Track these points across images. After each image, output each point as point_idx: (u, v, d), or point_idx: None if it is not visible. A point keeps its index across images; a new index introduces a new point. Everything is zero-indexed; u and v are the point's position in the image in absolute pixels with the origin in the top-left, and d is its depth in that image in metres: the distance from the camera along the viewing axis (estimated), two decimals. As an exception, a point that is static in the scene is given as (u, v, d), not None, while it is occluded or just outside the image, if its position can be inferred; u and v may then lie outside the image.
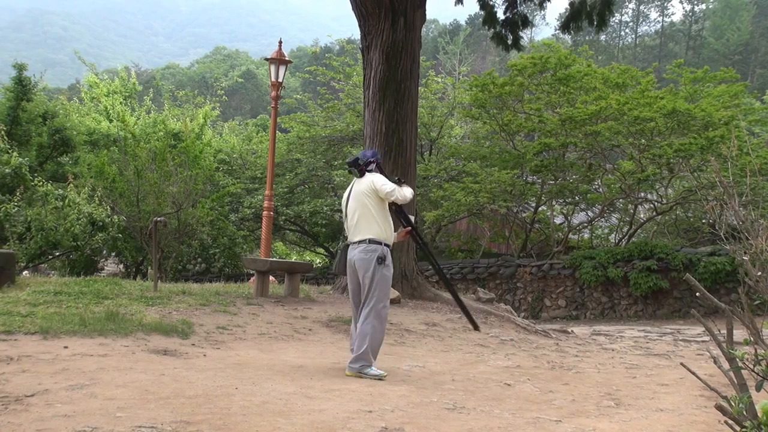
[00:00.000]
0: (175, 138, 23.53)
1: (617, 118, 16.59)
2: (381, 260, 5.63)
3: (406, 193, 5.77)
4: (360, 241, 5.70)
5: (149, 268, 18.43)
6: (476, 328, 7.72)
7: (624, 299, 15.61)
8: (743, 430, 2.57)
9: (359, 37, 11.96)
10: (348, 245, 5.85)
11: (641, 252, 15.24)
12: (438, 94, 23.84)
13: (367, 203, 5.73)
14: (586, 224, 19.71)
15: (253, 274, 11.15)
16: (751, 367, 2.71)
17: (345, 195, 6.00)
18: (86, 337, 6.00)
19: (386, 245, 5.72)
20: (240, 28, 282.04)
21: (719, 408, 2.62)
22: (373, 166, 5.90)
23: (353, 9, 11.58)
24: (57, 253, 16.63)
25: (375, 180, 5.75)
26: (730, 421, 2.63)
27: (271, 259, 12.25)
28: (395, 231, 5.98)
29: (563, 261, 16.57)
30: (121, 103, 26.47)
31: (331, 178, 22.14)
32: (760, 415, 2.59)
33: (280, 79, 14.61)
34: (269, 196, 14.50)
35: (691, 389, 5.49)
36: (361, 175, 5.87)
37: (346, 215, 5.90)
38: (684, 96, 18.47)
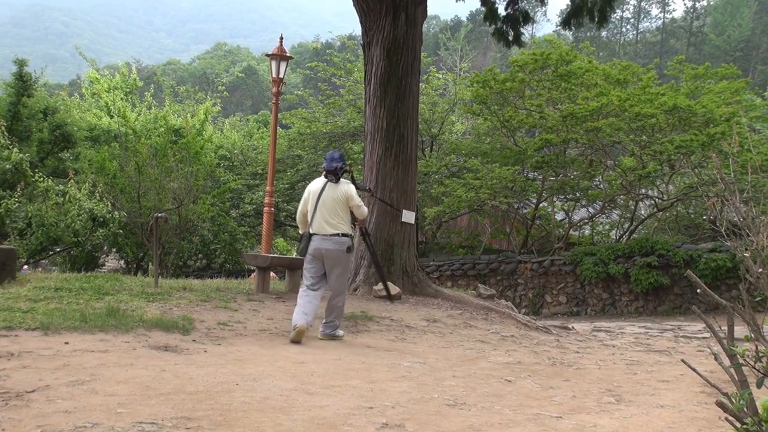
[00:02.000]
0: (175, 134, 23.52)
1: (618, 115, 16.58)
2: (350, 249, 7.08)
3: (364, 211, 7.32)
4: (333, 234, 6.98)
5: (150, 264, 18.45)
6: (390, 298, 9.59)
7: (625, 295, 15.61)
8: (744, 426, 2.57)
9: (360, 33, 11.93)
10: (312, 234, 7.03)
11: (642, 248, 15.24)
12: (439, 91, 23.84)
13: (340, 207, 7.05)
14: (587, 220, 19.71)
15: (253, 271, 11.16)
16: (752, 363, 2.71)
17: (315, 190, 7.13)
18: (87, 333, 6.00)
19: (351, 237, 7.16)
20: (241, 24, 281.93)
21: (720, 404, 2.61)
22: (343, 173, 7.18)
23: (354, 5, 11.56)
24: (58, 249, 16.63)
25: (352, 195, 7.10)
26: (730, 418, 2.62)
27: (272, 255, 12.26)
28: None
29: (564, 257, 16.56)
30: (121, 99, 26.47)
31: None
32: (760, 411, 2.59)
33: (281, 75, 14.60)
34: (270, 192, 14.50)
35: (691, 386, 5.49)
36: (336, 180, 7.09)
37: (315, 208, 7.02)
38: (685, 92, 18.46)
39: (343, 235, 7.00)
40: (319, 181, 7.18)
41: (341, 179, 7.14)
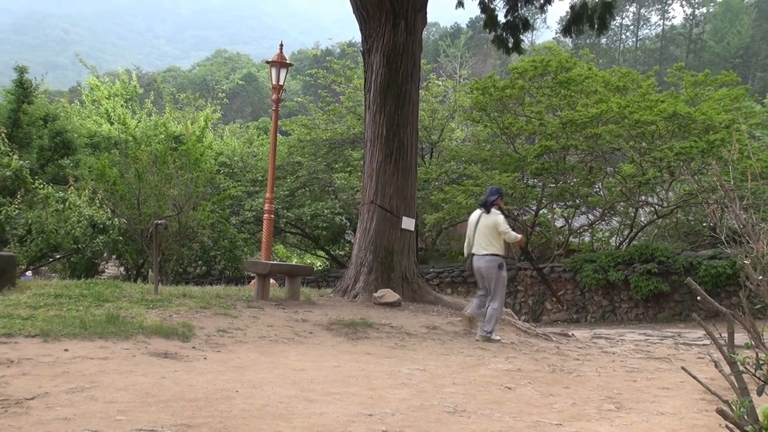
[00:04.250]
0: (176, 141, 23.49)
1: (618, 122, 16.59)
2: (500, 266, 8.64)
3: (512, 236, 8.73)
4: (484, 255, 8.66)
5: (150, 270, 18.43)
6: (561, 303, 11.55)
7: (625, 302, 15.60)
8: (744, 434, 2.57)
9: (360, 40, 11.97)
10: (473, 254, 8.76)
11: (642, 255, 15.23)
12: (439, 97, 23.86)
13: (491, 232, 8.65)
14: (586, 227, 19.70)
15: (253, 277, 11.15)
16: (752, 371, 2.71)
17: (474, 218, 8.91)
18: (87, 339, 6.00)
19: (502, 257, 8.74)
20: (241, 30, 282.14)
21: (720, 412, 2.61)
22: (495, 207, 8.78)
23: (354, 12, 11.59)
24: (58, 256, 16.61)
25: (498, 222, 8.65)
26: (731, 425, 2.62)
27: (271, 262, 12.26)
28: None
29: (564, 264, 16.55)
30: (122, 105, 26.45)
31: (332, 181, 22.13)
32: (761, 419, 2.58)
33: (281, 82, 14.61)
34: (270, 199, 14.49)
35: (692, 393, 5.48)
36: (488, 211, 8.73)
37: (474, 233, 8.79)
38: (685, 99, 18.47)
39: (494, 255, 8.63)
40: (477, 212, 8.97)
41: (492, 210, 8.73)
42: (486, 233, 8.69)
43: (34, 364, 4.98)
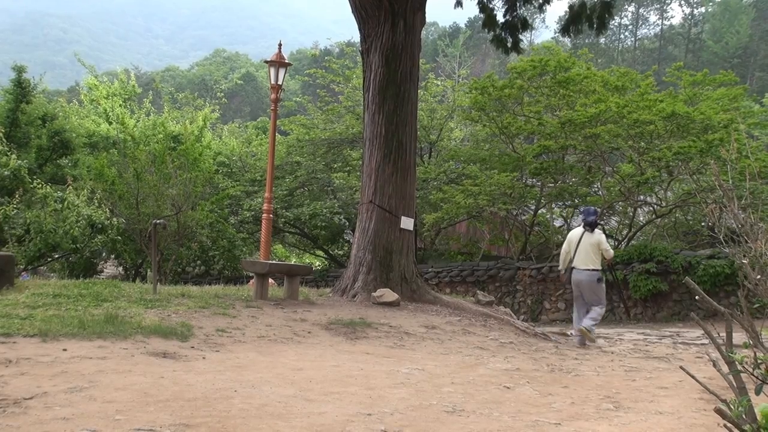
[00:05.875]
0: (174, 140, 23.52)
1: (617, 121, 16.60)
2: (600, 280, 9.70)
3: (611, 253, 9.86)
4: (586, 269, 9.65)
5: (148, 270, 18.42)
6: None
7: (623, 302, 15.60)
8: (742, 433, 2.57)
9: (359, 40, 11.96)
10: (573, 268, 9.76)
11: (641, 255, 15.24)
12: (438, 97, 23.85)
13: (593, 250, 9.66)
14: (585, 227, 19.66)
15: (252, 277, 11.15)
16: (751, 370, 2.71)
17: (576, 235, 9.88)
18: (85, 339, 5.99)
19: (601, 271, 9.83)
20: (240, 30, 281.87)
21: (718, 411, 2.61)
22: (598, 227, 10.01)
23: (353, 12, 11.59)
24: (56, 256, 16.61)
25: (602, 241, 9.73)
26: (729, 425, 2.62)
27: (270, 261, 12.25)
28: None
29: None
30: (120, 105, 26.47)
31: (331, 181, 22.13)
32: (759, 418, 2.58)
33: (279, 82, 14.61)
34: (269, 198, 14.49)
35: (690, 392, 5.49)
36: (592, 231, 9.74)
37: (576, 249, 9.75)
38: (683, 99, 18.48)
39: (595, 269, 9.65)
40: (578, 230, 9.96)
41: (595, 230, 9.79)
42: (589, 250, 9.66)
43: (33, 364, 4.98)
